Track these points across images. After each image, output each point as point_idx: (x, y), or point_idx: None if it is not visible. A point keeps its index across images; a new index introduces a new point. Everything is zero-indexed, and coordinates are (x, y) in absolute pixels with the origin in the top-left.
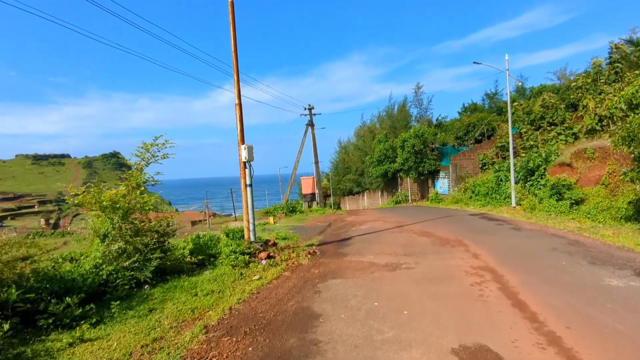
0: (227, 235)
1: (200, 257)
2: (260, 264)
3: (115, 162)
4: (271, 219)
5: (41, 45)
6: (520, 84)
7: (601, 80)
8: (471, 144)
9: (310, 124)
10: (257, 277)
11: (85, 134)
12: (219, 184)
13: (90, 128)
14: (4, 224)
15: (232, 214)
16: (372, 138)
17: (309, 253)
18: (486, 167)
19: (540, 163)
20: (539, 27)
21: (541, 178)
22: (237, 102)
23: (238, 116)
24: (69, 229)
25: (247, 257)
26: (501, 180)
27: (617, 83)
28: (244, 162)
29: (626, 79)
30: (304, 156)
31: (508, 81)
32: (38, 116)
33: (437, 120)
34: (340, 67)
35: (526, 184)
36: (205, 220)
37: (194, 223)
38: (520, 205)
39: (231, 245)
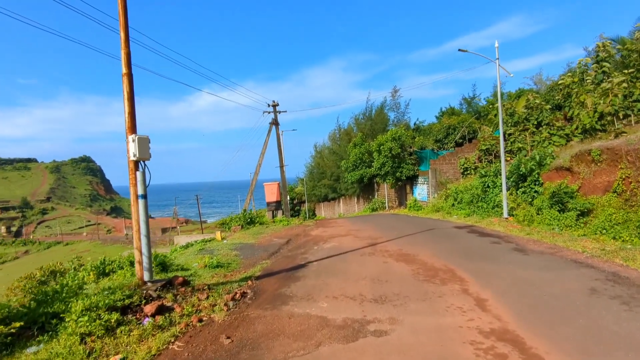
0: (101, 272)
1: (19, 325)
2: (141, 325)
3: (86, 166)
4: (218, 234)
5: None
6: (511, 75)
7: (587, 80)
8: (451, 147)
9: (275, 122)
10: (118, 357)
11: (56, 137)
12: (196, 189)
13: (61, 132)
14: None
15: (207, 221)
16: (349, 141)
17: (234, 297)
18: (468, 171)
19: (534, 167)
20: (511, 37)
21: (535, 184)
22: (124, 71)
23: (126, 92)
24: (32, 237)
25: (117, 315)
26: (488, 186)
27: (604, 83)
28: (134, 162)
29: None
30: (273, 160)
31: (498, 70)
32: (5, 119)
33: (414, 124)
34: (319, 73)
35: (517, 191)
36: (178, 226)
37: (164, 230)
38: (513, 216)
39: (97, 294)
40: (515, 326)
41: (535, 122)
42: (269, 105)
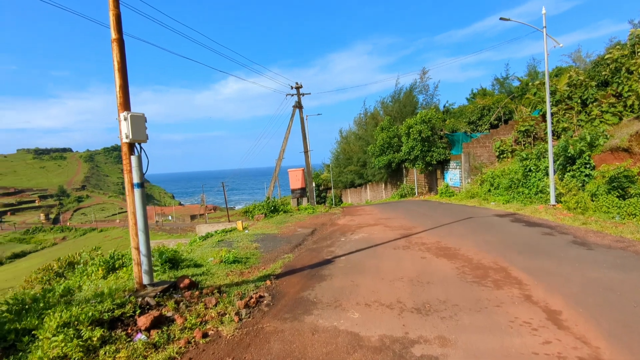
0: (110, 267)
1: None
2: (132, 343)
3: (117, 155)
4: (239, 224)
5: (42, 37)
6: (561, 45)
7: (639, 53)
8: (486, 129)
9: (298, 105)
10: None
11: (88, 128)
12: (223, 176)
13: (93, 122)
14: (3, 220)
15: (234, 207)
16: (375, 126)
17: (248, 303)
18: (504, 155)
19: (584, 148)
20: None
21: (585, 167)
22: (114, 36)
23: (116, 61)
24: (68, 224)
25: (101, 331)
26: (530, 170)
27: None
28: (128, 145)
29: None
30: (297, 146)
31: (545, 40)
32: (40, 110)
33: (444, 107)
34: (344, 57)
35: (565, 175)
36: (206, 213)
37: (193, 217)
38: (561, 202)
39: (80, 304)
40: (612, 355)
41: (579, 101)
42: (292, 88)
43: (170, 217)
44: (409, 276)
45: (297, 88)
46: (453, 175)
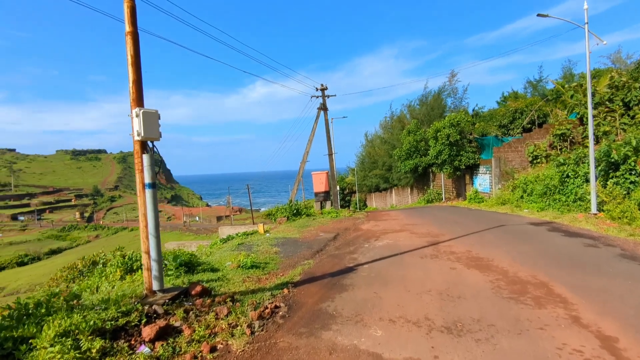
0: (128, 268)
1: None
2: (134, 356)
3: None
4: (260, 227)
5: (79, 42)
6: (604, 42)
7: None
8: (518, 133)
9: (323, 107)
10: None
11: (122, 130)
12: (249, 178)
13: (126, 125)
14: (42, 217)
15: (260, 209)
16: (402, 129)
17: (262, 314)
18: (538, 160)
19: (629, 153)
20: (582, 16)
21: (630, 174)
22: (128, 29)
23: (130, 55)
24: (101, 222)
25: (101, 342)
26: (567, 176)
27: None
28: (140, 142)
29: None
30: (322, 148)
31: (587, 39)
32: (78, 113)
33: (473, 110)
34: (370, 61)
35: (607, 182)
36: (231, 215)
37: (219, 218)
38: (603, 211)
39: (82, 311)
40: None
41: (621, 103)
42: (317, 89)
43: (197, 218)
44: (438, 289)
45: (322, 90)
46: (482, 181)
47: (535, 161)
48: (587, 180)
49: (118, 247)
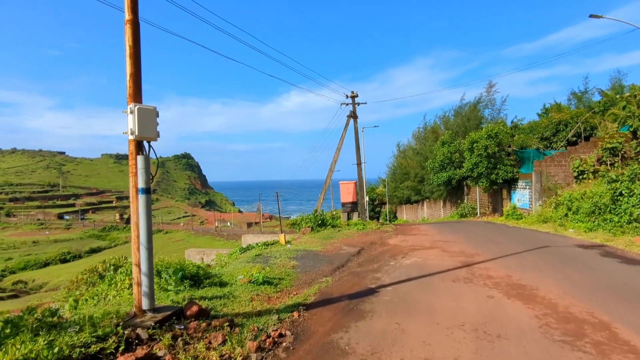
0: None
1: None
2: None
3: (185, 162)
4: (282, 237)
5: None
6: None
7: None
8: (562, 146)
9: (353, 115)
10: None
11: (162, 136)
12: (281, 186)
13: (166, 131)
14: (85, 217)
15: (290, 217)
16: (435, 140)
17: (261, 345)
18: (584, 175)
19: None
20: (628, 26)
21: None
22: (128, 17)
23: (129, 45)
24: None
25: None
26: (621, 194)
27: None
28: (135, 142)
29: None
30: (351, 158)
31: None
32: (123, 119)
33: (512, 122)
34: (404, 72)
35: None
36: (261, 222)
37: (249, 224)
38: None
39: (54, 335)
40: None
41: None
42: (347, 97)
43: (228, 224)
44: (472, 322)
45: (353, 97)
46: (521, 196)
47: (580, 177)
48: None
49: (124, 257)
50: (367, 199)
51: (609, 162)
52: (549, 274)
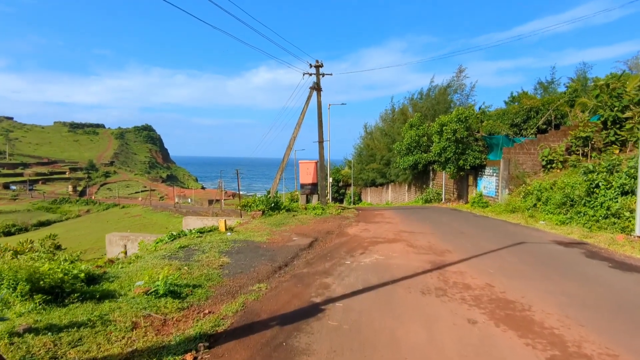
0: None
1: None
2: None
3: (147, 135)
4: (221, 224)
5: (86, 12)
6: None
7: None
8: (532, 134)
9: (316, 87)
10: None
11: (122, 106)
12: (249, 163)
13: (128, 101)
14: (34, 188)
15: (256, 194)
16: (404, 122)
17: None
18: (553, 165)
19: None
20: (593, 22)
21: None
22: None
23: None
24: (93, 197)
25: None
26: (597, 187)
27: None
28: None
29: None
30: (310, 133)
31: None
32: (80, 86)
33: (480, 109)
34: (377, 53)
35: None
36: (222, 199)
37: (210, 202)
38: None
39: None
40: None
41: None
42: (310, 66)
43: (189, 200)
44: None
45: (317, 67)
46: (488, 183)
47: (549, 166)
48: (625, 193)
49: (50, 235)
50: (331, 180)
51: (580, 152)
52: (539, 285)
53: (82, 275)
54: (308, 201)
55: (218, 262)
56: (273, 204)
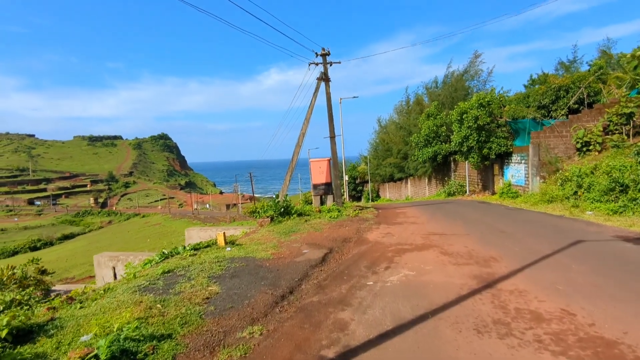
0: None
1: None
2: None
3: (163, 143)
4: (220, 237)
5: (97, 29)
6: None
7: None
8: (562, 115)
9: (324, 77)
10: None
11: (138, 116)
12: (266, 166)
13: (143, 111)
14: (58, 202)
15: (273, 196)
16: (420, 113)
17: None
18: (590, 147)
19: None
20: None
21: None
22: None
23: None
24: (114, 208)
25: None
26: None
27: None
28: None
29: None
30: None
31: None
32: (96, 100)
33: (498, 94)
34: (385, 47)
35: None
36: (239, 203)
37: (228, 206)
38: None
39: None
40: None
41: None
42: (317, 55)
43: (207, 206)
44: None
45: (323, 55)
46: (516, 172)
47: (584, 148)
48: None
49: (33, 259)
50: (347, 178)
51: (621, 132)
52: (639, 310)
53: (4, 332)
54: (322, 203)
55: (204, 294)
56: (283, 209)
